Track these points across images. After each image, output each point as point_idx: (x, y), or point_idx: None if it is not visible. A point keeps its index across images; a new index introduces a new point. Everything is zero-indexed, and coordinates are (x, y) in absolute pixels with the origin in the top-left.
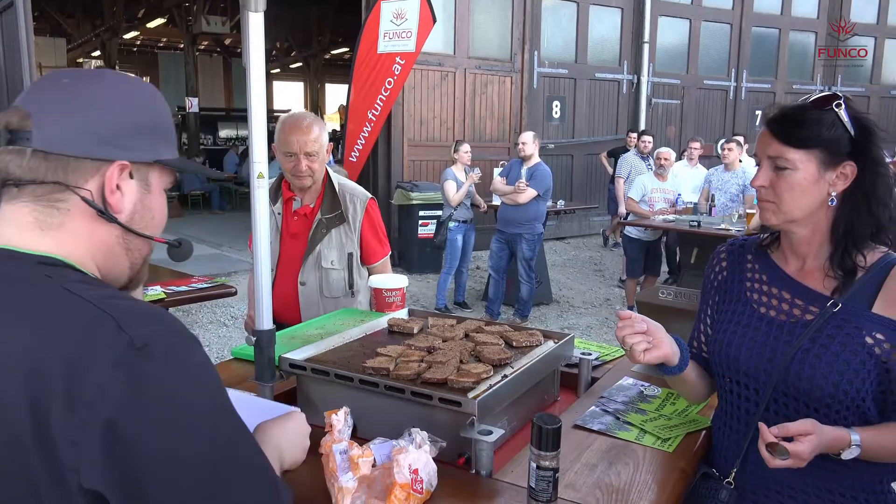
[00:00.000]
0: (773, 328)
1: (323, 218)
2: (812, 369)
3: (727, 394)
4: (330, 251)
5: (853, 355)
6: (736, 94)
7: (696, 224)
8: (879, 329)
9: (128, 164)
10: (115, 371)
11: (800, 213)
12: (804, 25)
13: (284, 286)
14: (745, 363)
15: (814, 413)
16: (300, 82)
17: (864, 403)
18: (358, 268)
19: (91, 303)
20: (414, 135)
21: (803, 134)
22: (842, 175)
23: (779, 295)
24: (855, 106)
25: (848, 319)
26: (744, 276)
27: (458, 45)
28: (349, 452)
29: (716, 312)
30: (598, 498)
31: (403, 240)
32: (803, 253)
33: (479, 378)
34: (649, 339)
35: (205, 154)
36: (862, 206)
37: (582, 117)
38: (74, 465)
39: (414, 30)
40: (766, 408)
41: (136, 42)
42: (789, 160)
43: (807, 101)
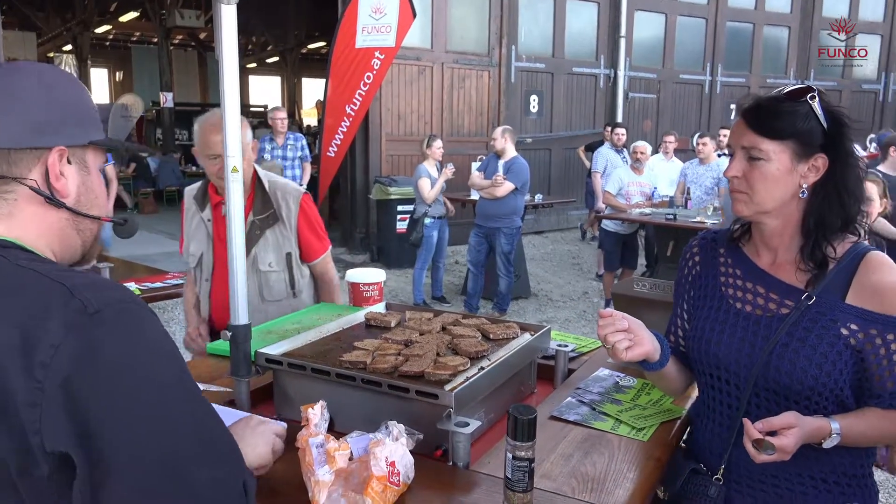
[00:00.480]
0: (751, 323)
1: (256, 219)
2: (791, 364)
3: (708, 389)
4: (266, 253)
5: (830, 347)
6: (711, 88)
7: (671, 217)
8: (853, 319)
9: (65, 150)
10: (69, 334)
11: (772, 204)
12: (777, 20)
13: (222, 295)
14: (725, 359)
15: (794, 405)
16: (277, 77)
17: (843, 393)
18: (298, 266)
19: (43, 275)
20: (392, 129)
21: (778, 125)
22: (813, 167)
23: (753, 289)
24: (828, 99)
25: (823, 312)
26: (717, 270)
27: (435, 39)
28: (325, 446)
29: (692, 308)
30: (573, 487)
31: (382, 234)
32: (775, 245)
33: (456, 370)
34: (631, 336)
35: (181, 150)
36: (833, 198)
37: (559, 111)
38: (36, 426)
39: (394, 24)
40: (748, 401)
41: (109, 36)
42: (763, 151)
43: (781, 93)
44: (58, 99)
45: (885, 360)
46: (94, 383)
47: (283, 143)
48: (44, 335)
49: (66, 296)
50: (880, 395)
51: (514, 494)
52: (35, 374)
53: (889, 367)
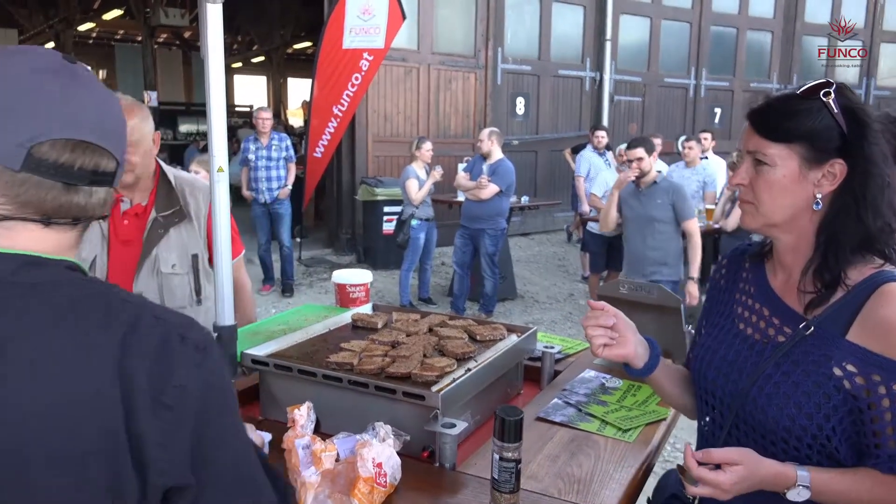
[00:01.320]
0: (746, 347)
1: (159, 216)
2: (767, 398)
3: (700, 412)
4: (169, 254)
5: (815, 387)
6: (696, 91)
7: None
8: (851, 359)
9: None
10: (190, 374)
11: (780, 216)
12: (761, 25)
13: None
14: (712, 382)
15: (771, 447)
16: (262, 77)
17: (830, 444)
18: (206, 271)
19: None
20: (378, 130)
21: (783, 126)
22: (829, 174)
23: (759, 311)
24: (849, 94)
25: (817, 345)
26: (736, 286)
27: (421, 40)
28: (312, 447)
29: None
30: (560, 488)
31: (368, 235)
32: (789, 264)
33: (443, 372)
34: (613, 335)
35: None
36: (849, 211)
37: (545, 114)
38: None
39: (383, 26)
40: (728, 433)
41: (92, 34)
42: (768, 155)
43: (796, 90)
44: None
45: (888, 413)
46: (211, 417)
47: (267, 143)
48: (168, 376)
49: (177, 335)
50: (878, 456)
51: (500, 495)
52: (163, 416)
53: (893, 424)
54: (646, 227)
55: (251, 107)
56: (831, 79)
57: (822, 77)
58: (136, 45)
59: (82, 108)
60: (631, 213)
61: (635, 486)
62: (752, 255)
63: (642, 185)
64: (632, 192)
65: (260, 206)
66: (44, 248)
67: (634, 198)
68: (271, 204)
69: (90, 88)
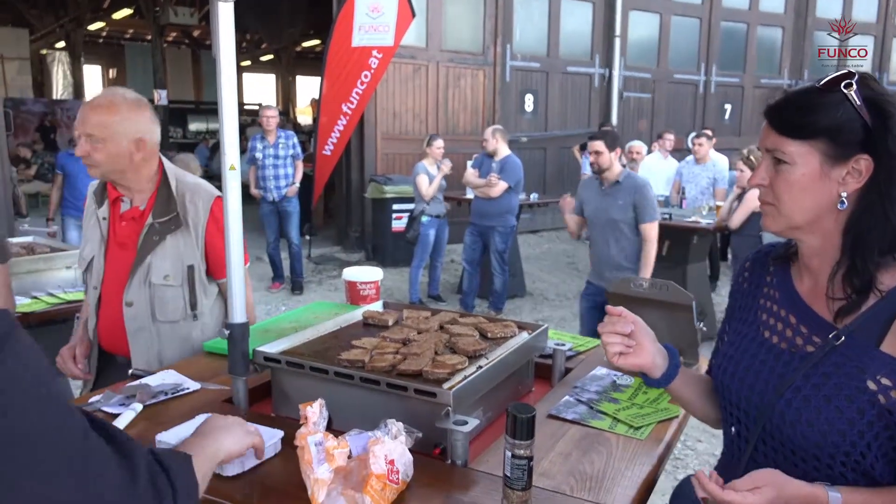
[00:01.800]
0: (772, 357)
1: (155, 222)
2: (797, 413)
3: (726, 425)
4: (163, 263)
5: (848, 402)
6: (706, 87)
7: (666, 217)
8: (886, 372)
9: None
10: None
11: (802, 217)
12: (771, 20)
13: (110, 308)
14: (737, 394)
15: (802, 464)
16: (271, 75)
17: (865, 460)
18: (203, 284)
19: None
20: (387, 128)
21: (802, 121)
22: (854, 171)
23: (785, 318)
24: (874, 85)
25: (849, 357)
26: (760, 290)
27: (430, 37)
28: (324, 444)
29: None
30: (571, 486)
31: (377, 233)
32: (815, 268)
33: (454, 369)
34: (630, 342)
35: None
36: (876, 210)
37: (554, 111)
38: None
39: (392, 24)
40: (754, 448)
41: (102, 33)
42: (787, 153)
43: (816, 83)
44: None
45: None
46: None
47: (274, 141)
48: None
49: None
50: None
51: (512, 493)
52: None
53: None
54: (609, 230)
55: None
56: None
57: (832, 72)
58: (145, 44)
59: None
60: (593, 214)
61: (647, 484)
62: (776, 258)
63: (605, 184)
64: (595, 191)
65: (268, 204)
66: None
67: (597, 197)
68: (280, 202)
69: None
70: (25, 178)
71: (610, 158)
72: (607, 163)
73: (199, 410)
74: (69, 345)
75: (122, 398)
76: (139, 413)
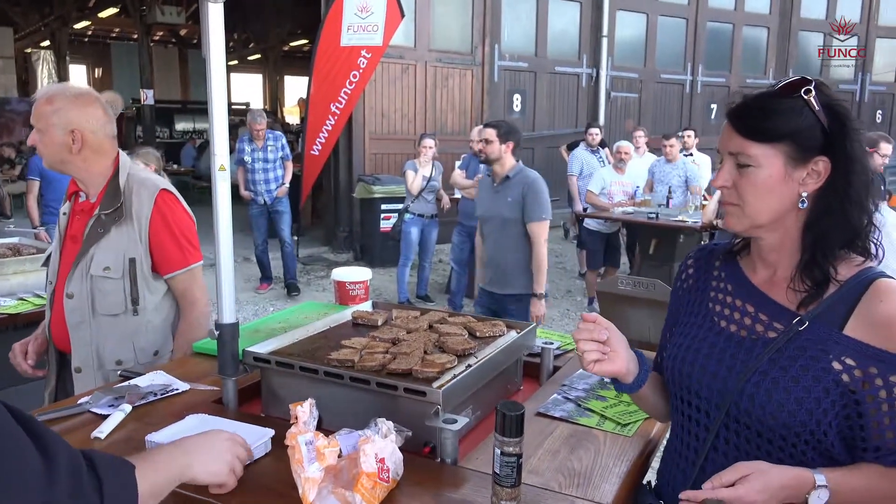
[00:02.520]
0: (732, 345)
1: (101, 214)
2: (766, 394)
3: (678, 415)
4: (105, 255)
5: (815, 382)
6: (692, 87)
7: (654, 216)
8: (850, 353)
9: None
10: None
11: (767, 216)
12: (756, 21)
13: (59, 303)
14: (697, 382)
15: (767, 444)
16: (258, 74)
17: (827, 439)
18: (146, 279)
19: None
20: (375, 128)
21: (766, 126)
22: (813, 172)
23: (742, 308)
24: (829, 92)
25: (814, 340)
26: (709, 284)
27: (418, 37)
28: (315, 443)
29: (674, 325)
30: (560, 482)
31: (365, 233)
32: (773, 261)
33: (444, 368)
34: (605, 349)
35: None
36: (835, 209)
37: (542, 110)
38: None
39: (381, 24)
40: (716, 434)
41: (88, 32)
42: (751, 156)
43: (773, 88)
44: None
45: (885, 404)
46: None
47: (262, 144)
48: None
49: None
50: (879, 448)
51: (502, 490)
52: None
53: (891, 415)
54: (499, 229)
55: (247, 104)
56: (823, 77)
57: (818, 72)
58: (132, 43)
59: None
60: (484, 212)
61: (634, 480)
62: (722, 254)
63: (496, 180)
64: (488, 186)
65: (258, 206)
66: None
67: (489, 194)
68: (270, 204)
69: None
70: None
71: (500, 150)
72: (496, 153)
73: (188, 411)
74: (23, 340)
75: (111, 399)
76: (128, 414)
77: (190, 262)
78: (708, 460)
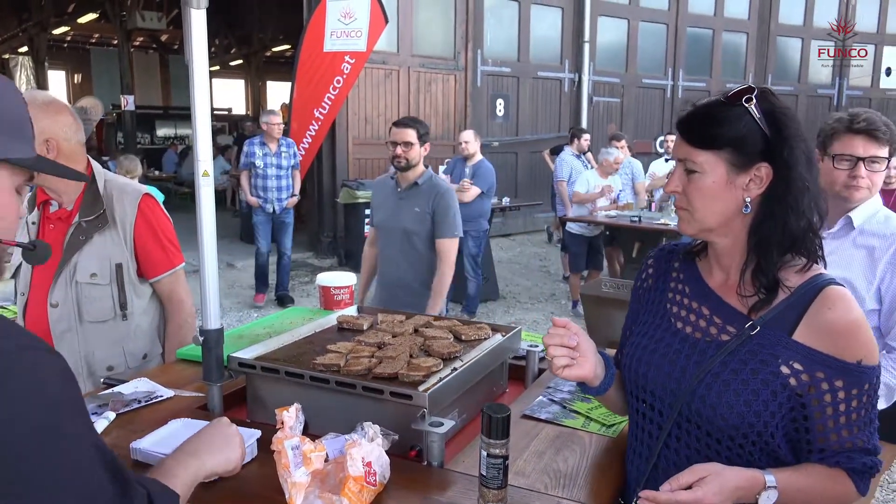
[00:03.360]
0: (687, 346)
1: (82, 221)
2: (717, 396)
3: (634, 413)
4: (90, 262)
5: (763, 385)
6: (673, 92)
7: (636, 219)
8: (798, 358)
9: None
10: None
11: (714, 220)
12: (736, 26)
13: (36, 312)
14: (653, 382)
15: (716, 444)
16: (241, 80)
17: (774, 440)
18: (133, 283)
19: None
20: (359, 133)
21: (709, 133)
22: (756, 178)
23: (698, 310)
24: (772, 99)
25: (764, 345)
26: (667, 285)
27: (401, 42)
28: (301, 448)
29: (633, 323)
30: (546, 483)
31: (350, 238)
32: (726, 265)
33: (430, 371)
34: (574, 355)
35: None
36: (775, 214)
37: (525, 115)
38: None
39: (365, 29)
40: (668, 433)
41: (67, 38)
42: (697, 163)
43: (720, 97)
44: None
45: (829, 408)
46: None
47: (276, 150)
48: None
49: None
50: (823, 450)
51: (488, 491)
52: None
53: (834, 418)
54: (401, 242)
55: (229, 110)
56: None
57: (796, 76)
58: (111, 48)
59: None
60: (383, 221)
61: (620, 481)
62: (682, 255)
63: (402, 184)
64: (390, 192)
65: (265, 214)
66: None
67: (391, 200)
68: (278, 213)
69: None
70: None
71: (419, 153)
72: (417, 157)
73: (173, 418)
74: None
75: (95, 407)
76: (112, 421)
77: (175, 263)
78: (660, 457)
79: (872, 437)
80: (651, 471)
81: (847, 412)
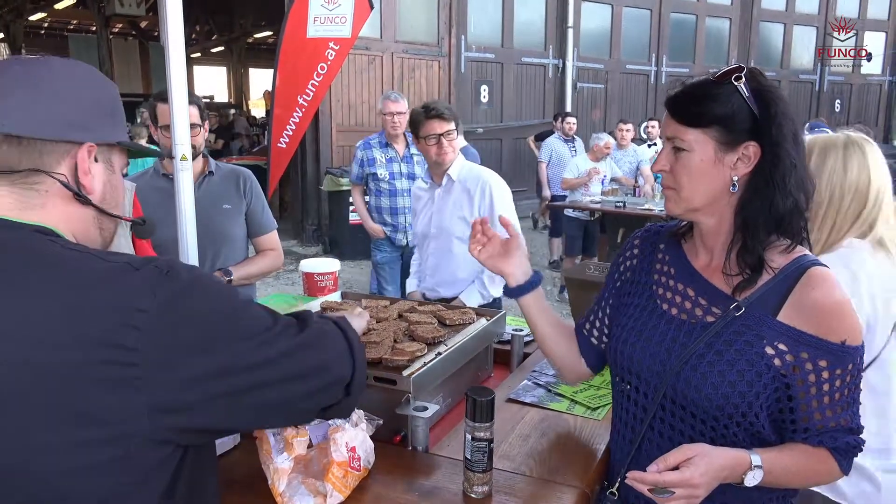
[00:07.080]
0: (672, 328)
1: None
2: (702, 377)
3: (619, 395)
4: None
5: (749, 366)
6: (657, 78)
7: (621, 204)
8: (782, 339)
9: (94, 147)
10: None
11: (700, 200)
12: (719, 12)
13: None
14: (639, 364)
15: (700, 425)
16: (222, 67)
17: (758, 420)
18: None
19: (101, 258)
20: (342, 120)
21: (698, 111)
22: (744, 157)
23: (683, 291)
24: (760, 78)
25: (749, 325)
26: (652, 267)
27: (384, 28)
28: (283, 433)
29: (618, 302)
30: (531, 466)
31: (334, 226)
32: (711, 245)
33: (414, 356)
34: (492, 245)
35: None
36: (762, 193)
37: (509, 101)
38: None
39: (349, 15)
40: (653, 414)
41: (44, 24)
42: (685, 141)
43: (709, 76)
44: (93, 95)
45: (813, 388)
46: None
47: (404, 152)
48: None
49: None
50: (807, 430)
51: (473, 475)
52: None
53: (818, 398)
54: None
55: (211, 97)
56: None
57: (778, 61)
58: (90, 35)
59: None
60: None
61: (605, 463)
62: (668, 236)
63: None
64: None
65: (393, 249)
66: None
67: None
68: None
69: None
70: None
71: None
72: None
73: None
74: None
75: None
76: None
77: None
78: (645, 439)
79: (856, 417)
80: (635, 452)
81: (831, 392)
